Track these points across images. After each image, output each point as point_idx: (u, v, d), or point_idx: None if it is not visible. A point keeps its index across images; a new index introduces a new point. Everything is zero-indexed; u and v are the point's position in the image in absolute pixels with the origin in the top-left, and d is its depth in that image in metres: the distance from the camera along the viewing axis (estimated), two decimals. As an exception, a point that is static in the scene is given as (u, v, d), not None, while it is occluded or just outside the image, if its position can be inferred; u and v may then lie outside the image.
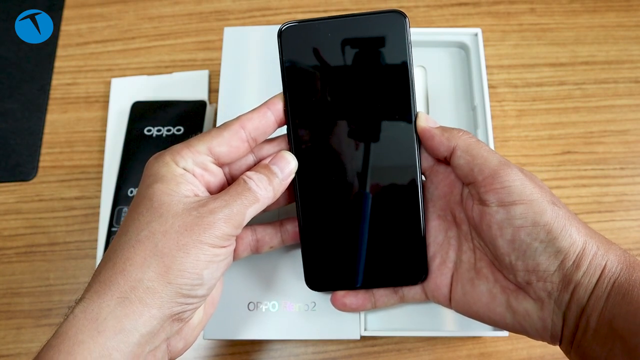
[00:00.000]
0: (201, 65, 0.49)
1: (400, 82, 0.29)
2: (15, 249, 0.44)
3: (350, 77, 0.29)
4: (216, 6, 0.52)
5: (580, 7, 0.51)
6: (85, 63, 0.50)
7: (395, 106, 0.29)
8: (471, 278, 0.28)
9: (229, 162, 0.28)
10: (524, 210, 0.25)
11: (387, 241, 0.30)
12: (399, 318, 0.34)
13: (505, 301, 0.27)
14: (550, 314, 0.26)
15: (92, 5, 0.52)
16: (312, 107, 0.29)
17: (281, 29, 0.29)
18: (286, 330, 0.32)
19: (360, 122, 0.29)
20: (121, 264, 0.24)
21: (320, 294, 0.32)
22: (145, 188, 0.26)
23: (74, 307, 0.23)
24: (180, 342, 0.26)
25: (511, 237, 0.26)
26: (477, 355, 0.40)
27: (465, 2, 0.51)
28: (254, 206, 0.26)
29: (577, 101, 0.48)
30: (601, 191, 0.45)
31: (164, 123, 0.45)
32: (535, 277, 0.25)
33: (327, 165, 0.29)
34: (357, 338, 0.32)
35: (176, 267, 0.24)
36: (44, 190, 0.45)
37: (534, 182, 0.26)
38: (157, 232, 0.24)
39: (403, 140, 0.29)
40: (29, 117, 0.48)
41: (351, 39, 0.29)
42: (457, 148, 0.28)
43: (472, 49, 0.39)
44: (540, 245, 0.25)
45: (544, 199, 0.26)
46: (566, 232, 0.25)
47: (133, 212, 0.25)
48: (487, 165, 0.27)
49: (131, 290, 0.23)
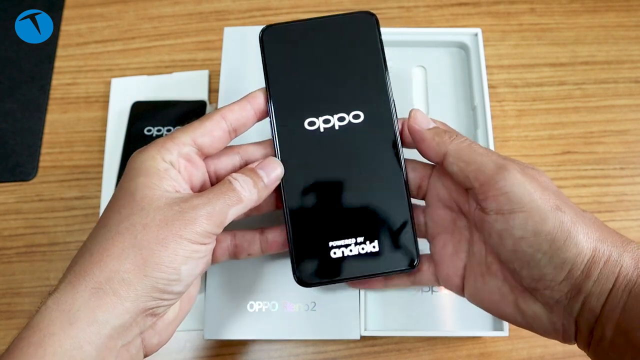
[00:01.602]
0: (201, 65, 0.49)
1: (375, 78, 0.30)
2: (15, 249, 0.44)
3: (328, 75, 0.30)
4: (216, 6, 0.52)
5: (580, 7, 0.51)
6: (85, 63, 0.50)
7: (373, 102, 0.30)
8: (482, 273, 0.27)
9: (212, 152, 0.28)
10: (523, 219, 0.24)
11: (374, 233, 0.29)
12: (399, 318, 0.34)
13: (514, 301, 0.26)
14: (561, 319, 0.24)
15: (92, 5, 0.52)
16: (295, 109, 0.30)
17: (262, 31, 0.31)
18: (286, 330, 0.32)
19: (341, 122, 0.30)
20: (98, 255, 0.23)
21: (320, 294, 0.32)
22: (127, 181, 0.25)
23: (46, 299, 0.23)
24: (154, 337, 0.26)
25: (512, 247, 0.24)
26: (477, 355, 0.40)
27: (465, 2, 0.51)
28: (237, 207, 0.26)
29: (577, 101, 0.48)
30: (601, 191, 0.45)
31: (164, 123, 0.45)
32: (542, 286, 0.24)
33: (311, 164, 0.30)
34: (357, 338, 0.32)
35: (154, 260, 0.23)
36: (44, 190, 0.45)
37: (536, 183, 0.24)
38: (137, 224, 0.24)
39: (384, 135, 0.30)
40: (29, 117, 0.48)
41: (327, 39, 0.31)
42: (447, 155, 0.26)
43: (472, 49, 0.39)
44: (544, 256, 0.23)
45: (547, 204, 0.24)
46: (571, 241, 0.23)
47: (114, 205, 0.25)
48: (483, 171, 0.25)
49: (106, 281, 0.23)
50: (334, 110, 0.30)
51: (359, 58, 0.30)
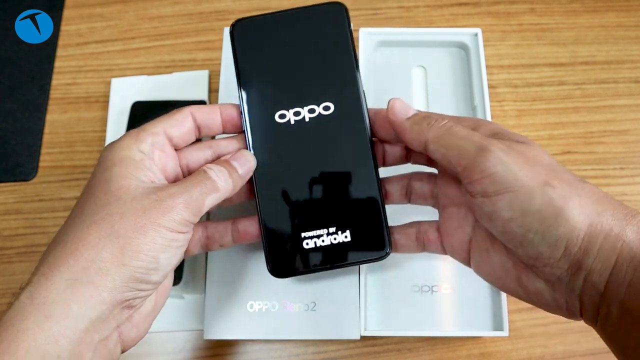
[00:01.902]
0: (201, 65, 0.49)
1: (345, 69, 0.30)
2: (15, 249, 0.44)
3: (298, 67, 0.30)
4: (216, 6, 0.52)
5: (580, 7, 0.51)
6: (85, 63, 0.50)
7: (343, 93, 0.30)
8: (486, 248, 0.26)
9: (181, 145, 0.28)
10: (510, 200, 0.23)
11: (346, 223, 0.29)
12: (399, 318, 0.34)
13: (517, 277, 0.25)
14: (564, 296, 0.23)
15: (92, 5, 0.52)
16: (266, 102, 0.30)
17: (232, 26, 0.31)
18: (286, 330, 0.32)
19: (311, 114, 0.30)
20: (73, 244, 0.23)
21: (320, 294, 0.32)
22: (102, 171, 0.25)
23: (19, 293, 0.22)
24: (132, 331, 0.25)
25: (503, 228, 0.23)
26: (477, 355, 0.40)
27: (465, 2, 0.51)
28: (214, 195, 0.26)
29: (577, 101, 0.48)
30: (601, 191, 0.45)
31: (164, 123, 0.45)
32: (540, 263, 0.23)
33: (283, 156, 0.30)
34: (357, 338, 0.32)
35: (132, 248, 0.23)
36: (44, 190, 0.45)
37: (522, 160, 0.23)
38: (114, 213, 0.23)
39: (354, 126, 0.30)
40: (29, 117, 0.48)
41: (296, 31, 0.31)
42: (428, 142, 0.26)
43: (472, 49, 0.39)
44: (536, 235, 0.22)
45: (534, 180, 0.23)
46: (563, 217, 0.22)
47: (88, 195, 0.25)
48: (464, 156, 0.24)
49: (82, 271, 0.22)
50: (304, 102, 0.30)
51: (329, 49, 0.31)
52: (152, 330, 0.40)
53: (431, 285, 0.34)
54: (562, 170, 0.24)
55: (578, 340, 0.40)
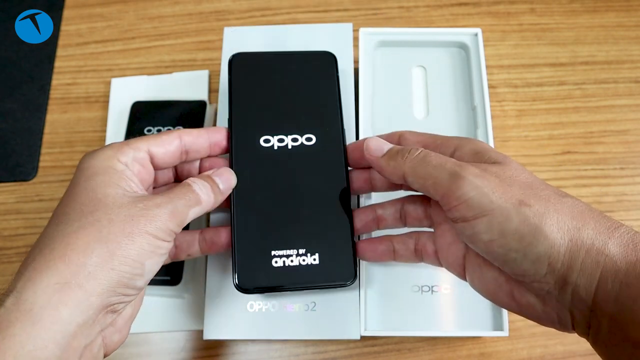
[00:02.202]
0: (201, 65, 0.49)
1: (329, 107, 0.33)
2: (15, 249, 0.44)
3: (287, 101, 0.33)
4: (216, 6, 0.52)
5: (580, 7, 0.51)
6: (85, 63, 0.50)
7: (325, 128, 0.33)
8: (479, 264, 0.27)
9: (162, 165, 0.29)
10: (487, 223, 0.23)
11: (316, 247, 0.30)
12: (399, 318, 0.34)
13: (510, 292, 0.25)
14: (555, 310, 0.24)
15: (92, 5, 0.52)
16: (254, 127, 0.32)
17: (232, 57, 0.34)
18: (286, 330, 0.32)
19: (295, 142, 0.32)
20: (60, 250, 0.23)
21: (320, 294, 0.32)
22: (85, 180, 0.26)
23: (3, 298, 0.22)
24: (115, 335, 0.26)
25: (485, 250, 0.24)
26: (477, 355, 0.40)
27: (465, 2, 0.51)
28: (196, 208, 0.27)
29: (577, 101, 0.48)
30: (601, 191, 0.45)
31: (164, 123, 0.45)
32: (528, 280, 0.23)
33: (262, 177, 0.31)
34: (357, 338, 0.32)
35: (121, 253, 0.23)
36: (44, 190, 0.45)
37: (497, 182, 0.24)
38: (102, 219, 0.24)
39: (332, 158, 0.32)
40: (29, 117, 0.48)
41: (290, 70, 0.34)
42: (405, 175, 0.27)
43: (472, 49, 0.39)
44: (518, 254, 0.23)
45: (509, 201, 0.23)
46: (541, 235, 0.22)
47: (71, 202, 0.25)
48: (440, 184, 0.25)
49: (72, 275, 0.22)
50: (289, 131, 0.32)
51: (317, 89, 0.34)
52: (152, 330, 0.40)
53: (431, 285, 0.34)
54: (541, 186, 0.24)
55: (578, 340, 0.39)
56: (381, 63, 0.39)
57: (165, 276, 0.40)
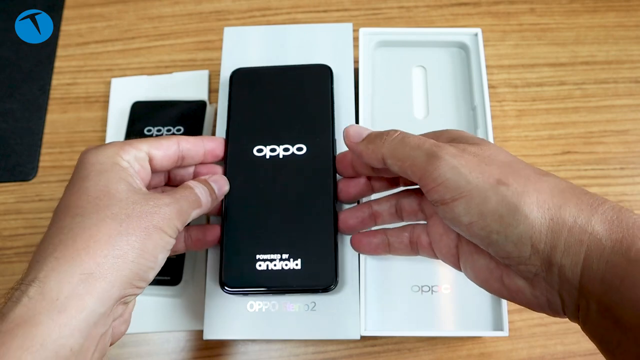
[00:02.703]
0: (201, 65, 0.49)
1: (322, 119, 0.34)
2: (15, 249, 0.44)
3: (283, 112, 0.35)
4: (216, 6, 0.52)
5: (580, 7, 0.51)
6: (85, 63, 0.50)
7: (317, 139, 0.34)
8: (471, 251, 0.26)
9: (159, 169, 0.30)
10: (465, 205, 0.23)
11: (299, 252, 0.32)
12: (399, 318, 0.34)
13: (500, 277, 0.25)
14: (544, 293, 0.23)
15: (92, 5, 0.52)
16: (248, 137, 0.34)
17: (233, 72, 0.36)
18: (286, 330, 0.32)
19: (286, 152, 0.34)
20: (83, 241, 0.24)
21: (320, 294, 0.32)
22: (95, 174, 0.26)
23: (24, 288, 0.22)
24: (122, 326, 0.27)
25: (468, 233, 0.24)
26: (477, 355, 0.40)
27: (465, 2, 0.51)
28: (197, 210, 0.29)
29: (577, 101, 0.48)
30: (601, 191, 0.45)
31: (164, 123, 0.45)
32: (513, 262, 0.23)
33: (253, 184, 0.33)
34: (357, 338, 0.32)
35: (139, 247, 0.25)
36: (44, 190, 0.45)
37: (475, 162, 0.23)
38: (119, 214, 0.25)
39: (321, 168, 0.33)
40: (29, 117, 0.48)
41: (287, 83, 0.36)
42: (384, 157, 0.26)
43: (472, 49, 0.39)
44: (499, 236, 0.22)
45: (486, 181, 0.22)
46: (521, 214, 0.21)
47: (84, 195, 0.25)
48: (417, 165, 0.24)
49: (96, 266, 0.23)
50: (281, 141, 0.34)
51: (311, 101, 0.35)
52: (152, 330, 0.40)
53: (431, 285, 0.34)
54: (521, 166, 0.24)
55: (578, 340, 0.40)
56: (381, 63, 0.39)
57: (165, 276, 0.40)
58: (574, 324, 0.24)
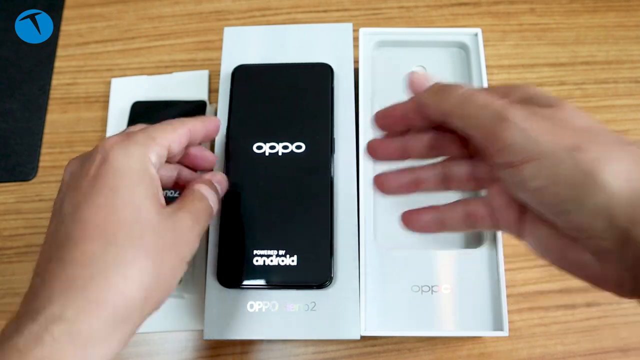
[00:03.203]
0: (201, 65, 0.49)
1: (322, 117, 0.35)
2: (15, 249, 0.44)
3: (283, 110, 0.35)
4: (216, 6, 0.52)
5: (580, 7, 0.51)
6: (85, 63, 0.50)
7: (316, 138, 0.34)
8: (533, 220, 0.24)
9: (170, 160, 0.30)
10: (535, 169, 0.21)
11: (295, 249, 0.32)
12: (399, 318, 0.34)
13: (563, 250, 0.23)
14: (614, 270, 0.21)
15: (92, 5, 0.52)
16: (248, 134, 0.35)
17: (235, 69, 0.37)
18: (286, 330, 0.32)
19: (285, 149, 0.34)
20: (116, 280, 0.23)
21: (320, 294, 0.32)
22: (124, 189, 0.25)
23: (45, 324, 0.21)
24: None
25: (535, 199, 0.22)
26: (477, 355, 0.40)
27: (465, 2, 0.51)
28: (211, 220, 0.29)
29: (577, 101, 0.48)
30: (601, 191, 0.45)
31: (164, 123, 0.45)
32: (584, 235, 0.21)
33: (252, 180, 0.34)
34: (357, 338, 0.32)
35: (167, 287, 0.25)
36: (44, 190, 0.45)
37: (548, 124, 0.21)
38: (151, 248, 0.24)
39: (319, 166, 0.34)
40: (29, 117, 0.48)
41: (288, 81, 0.36)
42: (449, 113, 0.24)
43: (472, 49, 0.39)
44: (572, 204, 0.20)
45: (560, 144, 0.20)
46: (597, 183, 0.19)
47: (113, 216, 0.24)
48: (482, 125, 0.22)
49: (125, 310, 0.23)
50: (280, 139, 0.34)
51: (311, 99, 0.36)
52: (152, 330, 0.40)
53: (431, 285, 0.34)
54: (601, 131, 0.22)
55: (578, 340, 0.40)
56: (381, 63, 0.39)
57: (165, 276, 0.40)
58: (574, 324, 0.23)
